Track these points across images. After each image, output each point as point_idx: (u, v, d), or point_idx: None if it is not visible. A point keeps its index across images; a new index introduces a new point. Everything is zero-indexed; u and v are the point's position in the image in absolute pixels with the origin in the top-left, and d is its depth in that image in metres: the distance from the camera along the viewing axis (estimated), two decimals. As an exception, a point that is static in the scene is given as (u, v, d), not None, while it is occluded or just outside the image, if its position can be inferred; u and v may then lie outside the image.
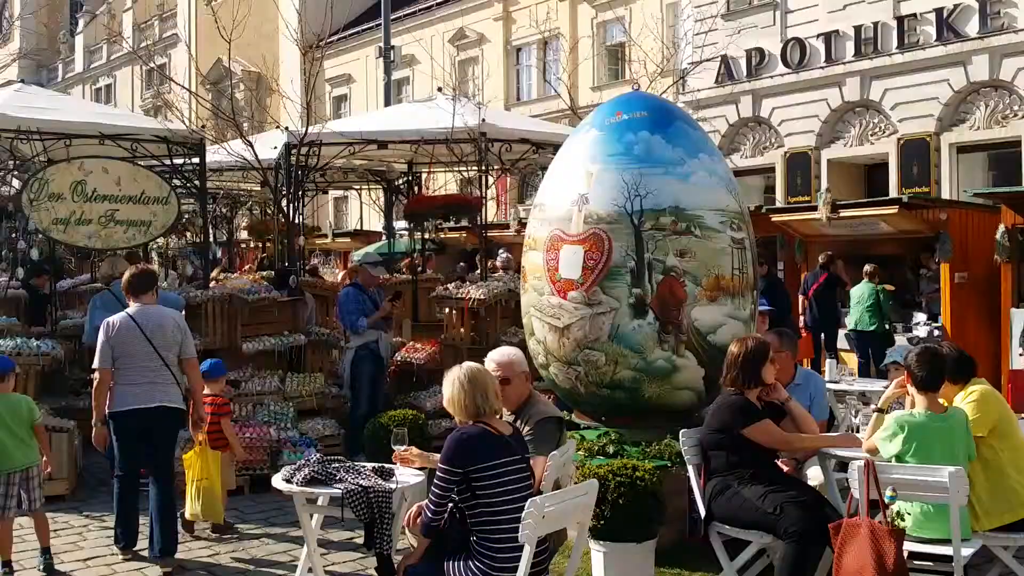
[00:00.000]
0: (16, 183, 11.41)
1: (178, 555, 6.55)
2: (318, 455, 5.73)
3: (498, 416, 4.86)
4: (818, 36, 20.23)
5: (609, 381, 6.81)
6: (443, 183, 18.49)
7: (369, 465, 5.36)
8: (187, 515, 7.02)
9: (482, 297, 10.27)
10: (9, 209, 11.16)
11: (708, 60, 18.60)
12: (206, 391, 7.11)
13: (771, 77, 21.14)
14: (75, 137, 10.40)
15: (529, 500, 4.38)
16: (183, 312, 8.61)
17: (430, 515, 4.61)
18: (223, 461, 7.28)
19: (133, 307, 6.66)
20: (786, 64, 20.80)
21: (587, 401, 7.16)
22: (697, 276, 6.62)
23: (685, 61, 19.02)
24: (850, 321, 13.44)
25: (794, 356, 6.83)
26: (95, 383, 6.55)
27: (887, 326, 13.19)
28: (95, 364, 6.56)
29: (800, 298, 14.33)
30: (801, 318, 14.14)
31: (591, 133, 7.17)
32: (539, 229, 7.19)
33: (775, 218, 14.99)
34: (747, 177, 22.17)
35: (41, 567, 6.33)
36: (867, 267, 13.34)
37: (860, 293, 13.24)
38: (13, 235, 11.86)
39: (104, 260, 10.25)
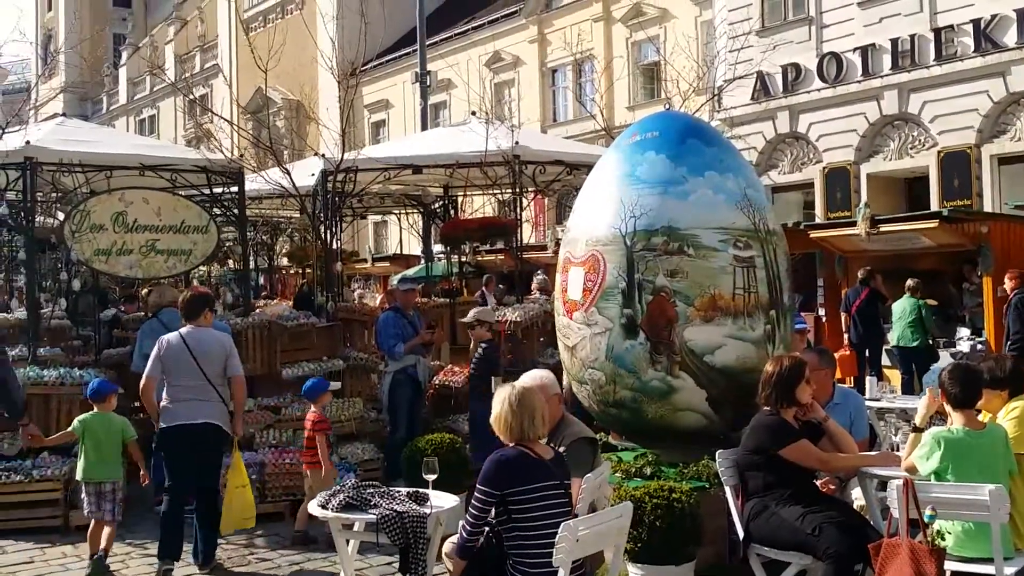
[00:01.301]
0: (60, 215, 11.62)
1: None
2: (354, 480, 5.76)
3: (541, 440, 4.84)
4: (854, 50, 20.10)
5: (612, 400, 6.81)
6: (479, 206, 18.57)
7: (404, 490, 5.38)
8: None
9: (518, 319, 10.28)
10: (52, 241, 11.36)
11: (743, 77, 18.52)
12: (311, 409, 7.57)
13: (807, 92, 21.03)
14: (116, 169, 10.59)
15: (563, 524, 4.37)
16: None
17: (465, 535, 4.62)
18: (317, 478, 7.31)
19: (185, 328, 7.01)
20: (823, 79, 20.68)
21: (601, 419, 7.20)
22: (689, 296, 6.49)
23: (720, 78, 18.96)
24: (892, 337, 13.27)
25: (832, 375, 6.76)
26: (141, 389, 6.99)
27: (930, 341, 13.00)
28: (144, 373, 7.00)
29: (842, 315, 14.19)
30: (845, 335, 14.00)
31: (611, 155, 7.26)
32: (562, 251, 7.35)
33: (814, 234, 14.88)
34: (785, 193, 22.06)
35: (89, 569, 6.75)
36: (909, 282, 13.17)
37: (902, 308, 13.07)
38: (58, 266, 12.08)
39: (152, 289, 10.42)
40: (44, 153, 9.84)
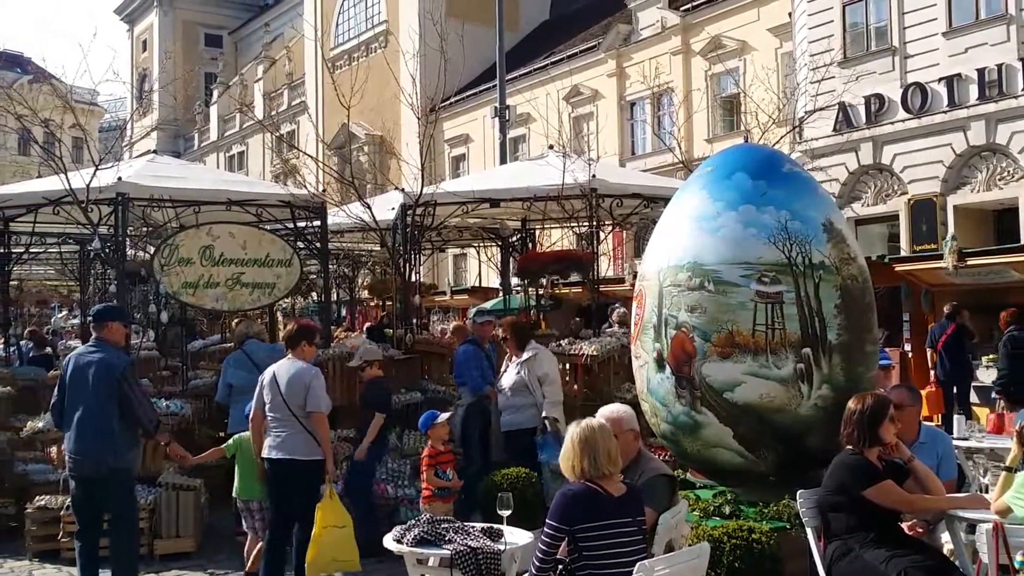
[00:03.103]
0: (151, 249, 11.99)
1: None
2: (429, 514, 5.79)
3: (613, 477, 4.78)
4: (939, 80, 19.70)
5: (660, 432, 6.94)
6: (557, 239, 18.61)
7: (478, 525, 5.39)
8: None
9: (595, 353, 10.25)
10: (142, 274, 11.73)
11: (824, 108, 18.27)
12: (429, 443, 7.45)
13: (891, 123, 20.64)
14: (204, 204, 10.90)
15: (639, 564, 4.33)
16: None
17: (535, 571, 4.60)
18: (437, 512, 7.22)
19: (281, 360, 7.20)
20: (907, 110, 20.29)
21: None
22: (707, 332, 6.43)
23: (801, 110, 18.76)
24: None
25: (919, 413, 6.57)
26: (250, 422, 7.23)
27: None
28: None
29: (928, 351, 13.84)
30: (931, 372, 13.65)
31: (679, 192, 7.35)
32: None
33: (899, 267, 14.59)
34: (869, 226, 21.64)
35: None
36: None
37: None
38: (148, 298, 12.43)
39: (240, 321, 10.66)
40: (135, 189, 10.20)
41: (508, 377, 8.78)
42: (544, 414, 8.53)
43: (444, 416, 7.75)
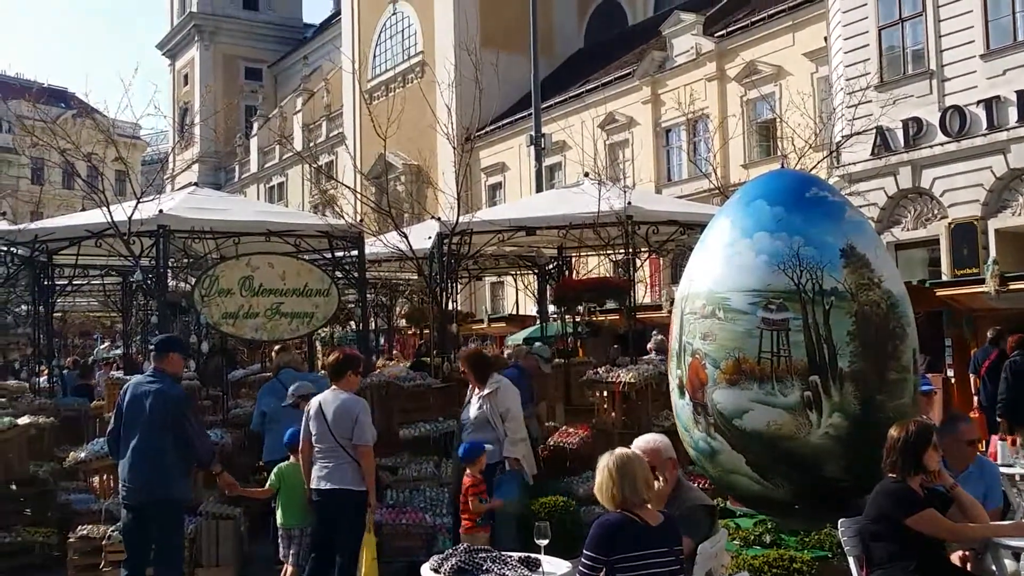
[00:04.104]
0: (191, 280, 12.15)
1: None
2: (466, 543, 5.78)
3: (648, 505, 4.77)
4: (978, 103, 19.50)
5: (691, 456, 6.96)
6: (594, 266, 18.62)
7: (516, 555, 5.37)
8: None
9: (632, 380, 10.21)
10: (183, 304, 11.88)
11: (861, 132, 18.14)
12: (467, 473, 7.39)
13: (930, 147, 20.45)
14: (244, 235, 11.04)
15: (677, 593, 4.30)
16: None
17: (574, 602, 4.59)
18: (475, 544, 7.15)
19: (327, 391, 7.19)
20: (946, 133, 20.10)
21: None
22: (717, 359, 6.43)
23: (838, 134, 18.64)
24: None
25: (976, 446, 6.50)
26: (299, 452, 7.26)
27: None
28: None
29: (971, 377, 13.65)
30: (975, 398, 13.46)
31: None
32: None
33: (940, 292, 14.43)
34: (909, 250, 21.41)
35: None
36: None
37: None
38: (189, 328, 12.58)
39: (279, 351, 10.76)
40: (176, 221, 10.36)
41: (471, 411, 8.34)
42: (504, 454, 8.10)
43: (490, 447, 7.68)
